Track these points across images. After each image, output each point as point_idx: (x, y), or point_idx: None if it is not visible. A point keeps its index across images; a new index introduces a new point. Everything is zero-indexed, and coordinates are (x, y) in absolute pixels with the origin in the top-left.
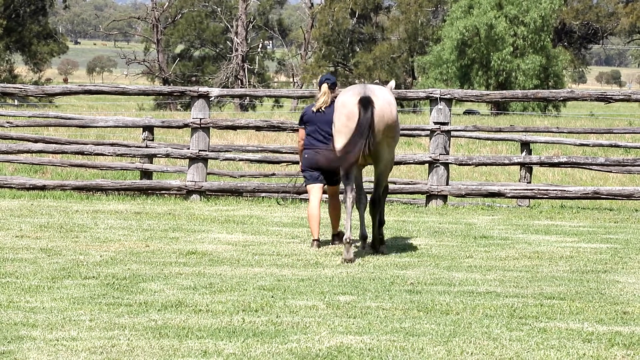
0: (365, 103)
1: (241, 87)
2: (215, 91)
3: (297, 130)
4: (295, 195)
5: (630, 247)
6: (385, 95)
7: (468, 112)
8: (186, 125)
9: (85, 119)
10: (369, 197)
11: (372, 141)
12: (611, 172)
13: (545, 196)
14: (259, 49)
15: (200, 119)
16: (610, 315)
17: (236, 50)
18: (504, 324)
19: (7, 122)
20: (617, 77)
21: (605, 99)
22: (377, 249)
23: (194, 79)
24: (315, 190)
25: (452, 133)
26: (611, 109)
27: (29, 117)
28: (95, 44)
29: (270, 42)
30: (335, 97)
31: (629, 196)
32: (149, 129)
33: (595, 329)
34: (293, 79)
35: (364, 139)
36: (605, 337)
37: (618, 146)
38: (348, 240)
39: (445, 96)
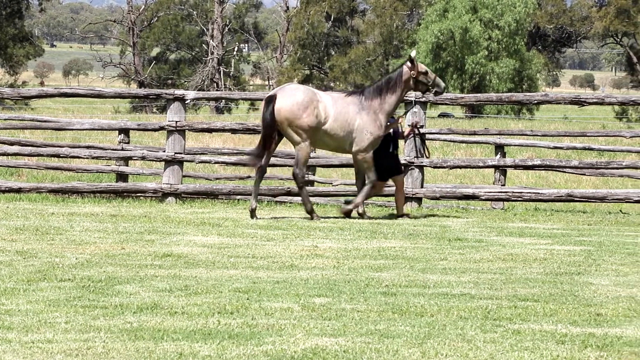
0: (268, 100)
1: (217, 90)
2: (191, 94)
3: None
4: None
5: (603, 249)
6: (293, 94)
7: (443, 115)
8: (162, 128)
9: (61, 121)
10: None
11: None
12: (585, 174)
13: (520, 199)
14: (234, 52)
15: (176, 121)
16: (584, 317)
17: (212, 53)
18: (478, 325)
19: None
20: (590, 80)
21: (579, 102)
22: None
23: (169, 81)
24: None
25: (427, 136)
26: (585, 112)
27: (5, 119)
28: (71, 47)
29: (246, 45)
30: None
31: (602, 199)
32: (124, 131)
33: (568, 331)
34: (269, 82)
35: (264, 128)
36: (578, 338)
37: (592, 149)
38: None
39: (420, 99)
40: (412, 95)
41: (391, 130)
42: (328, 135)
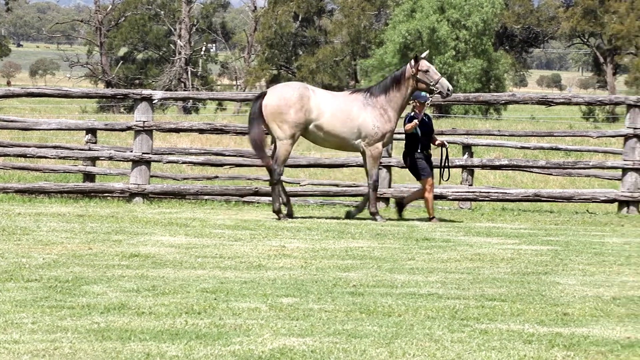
0: (257, 97)
1: (184, 90)
2: (158, 94)
3: (245, 133)
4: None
5: (570, 249)
6: (282, 91)
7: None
8: (129, 128)
9: (28, 121)
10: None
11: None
12: (552, 174)
13: (487, 198)
14: (202, 52)
15: (144, 121)
16: (551, 316)
17: (179, 53)
18: (445, 325)
19: None
20: (557, 80)
21: (546, 102)
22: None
23: (137, 81)
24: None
25: (395, 136)
26: (552, 112)
27: None
28: (38, 47)
29: (214, 45)
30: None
31: (569, 198)
32: (92, 131)
33: (536, 330)
34: (236, 82)
35: (250, 122)
36: (545, 338)
37: (559, 149)
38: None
39: None
40: None
41: (418, 131)
42: (325, 132)
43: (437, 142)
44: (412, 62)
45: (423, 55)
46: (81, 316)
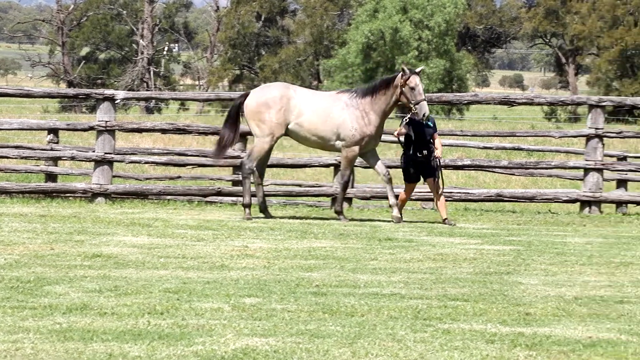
0: (239, 97)
1: (147, 90)
2: (120, 94)
3: (207, 133)
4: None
5: (532, 248)
6: (263, 91)
7: None
8: (92, 128)
9: None
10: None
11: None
12: (514, 174)
13: (449, 198)
14: (164, 52)
15: (106, 121)
16: (513, 316)
17: (142, 53)
18: (408, 325)
19: None
20: (519, 80)
21: (508, 102)
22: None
23: (99, 81)
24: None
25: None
26: (514, 112)
27: None
28: None
29: (176, 45)
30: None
31: (531, 198)
32: (54, 131)
33: (498, 330)
34: (199, 82)
35: (225, 120)
36: (508, 338)
37: (521, 149)
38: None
39: None
40: None
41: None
42: (306, 131)
43: (435, 152)
44: (403, 73)
45: (418, 70)
46: (43, 317)
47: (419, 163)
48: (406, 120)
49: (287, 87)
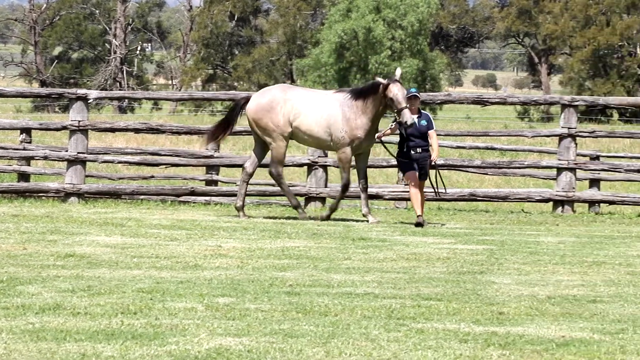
0: (240, 99)
1: (120, 90)
2: (93, 93)
3: (181, 133)
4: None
5: (505, 248)
6: (260, 96)
7: None
8: (64, 128)
9: None
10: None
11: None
12: (487, 174)
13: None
14: (137, 52)
15: (79, 121)
16: (487, 315)
17: (115, 52)
18: (382, 325)
19: None
20: (492, 80)
21: (481, 102)
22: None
23: (72, 81)
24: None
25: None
26: (487, 112)
27: None
28: None
29: (149, 44)
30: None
31: (504, 198)
32: (26, 131)
33: (471, 330)
34: (172, 82)
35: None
36: (481, 337)
37: (494, 149)
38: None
39: None
40: None
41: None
42: (303, 132)
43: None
44: (384, 84)
45: (397, 75)
46: (16, 317)
47: (413, 161)
48: (392, 125)
49: (284, 90)
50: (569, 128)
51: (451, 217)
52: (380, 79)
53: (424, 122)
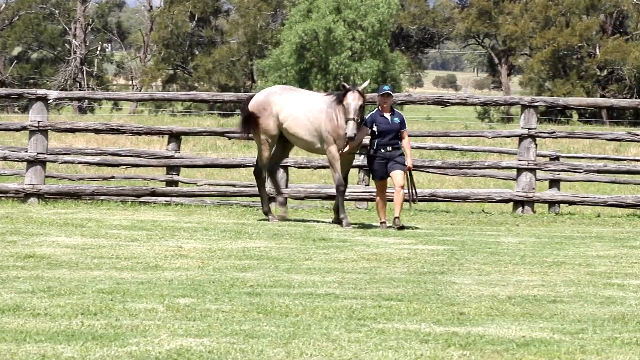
0: (244, 100)
1: (80, 90)
2: (53, 94)
3: (141, 133)
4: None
5: (466, 248)
6: (254, 100)
7: None
8: (24, 128)
9: None
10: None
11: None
12: (448, 174)
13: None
14: (97, 52)
15: (39, 121)
16: (447, 316)
17: (74, 52)
18: (342, 325)
19: None
20: (453, 81)
21: (441, 102)
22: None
23: (32, 81)
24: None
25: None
26: (447, 112)
27: None
28: None
29: (109, 44)
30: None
31: (465, 198)
32: None
33: (432, 330)
34: (132, 82)
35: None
36: (442, 337)
37: (454, 149)
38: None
39: None
40: None
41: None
42: (290, 134)
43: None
44: (345, 91)
45: (360, 86)
46: None
47: (383, 159)
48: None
49: (274, 93)
50: (529, 129)
51: (412, 217)
52: (346, 85)
53: (396, 120)
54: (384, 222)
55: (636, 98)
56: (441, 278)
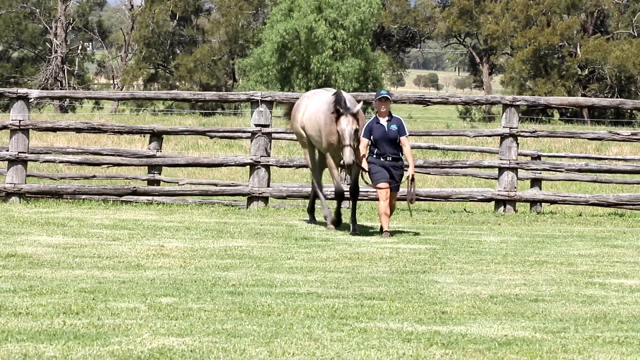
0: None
1: (61, 89)
2: (34, 93)
3: (122, 132)
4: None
5: (448, 247)
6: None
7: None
8: (5, 127)
9: None
10: None
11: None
12: (430, 174)
13: (365, 197)
14: (78, 51)
15: (20, 120)
16: (429, 315)
17: (55, 51)
18: (325, 324)
19: None
20: (434, 80)
21: (423, 101)
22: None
23: (12, 80)
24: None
25: (273, 135)
26: (429, 111)
27: None
28: None
29: (90, 43)
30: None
31: (447, 197)
32: None
33: (414, 329)
34: (113, 81)
35: None
36: (424, 336)
37: (436, 148)
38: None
39: (266, 98)
40: (258, 94)
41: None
42: (309, 137)
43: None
44: (337, 112)
45: (353, 109)
46: None
47: (383, 165)
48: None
49: (304, 96)
50: (510, 128)
51: (394, 216)
52: (340, 109)
53: (394, 127)
54: (387, 232)
55: (617, 97)
56: (423, 277)
